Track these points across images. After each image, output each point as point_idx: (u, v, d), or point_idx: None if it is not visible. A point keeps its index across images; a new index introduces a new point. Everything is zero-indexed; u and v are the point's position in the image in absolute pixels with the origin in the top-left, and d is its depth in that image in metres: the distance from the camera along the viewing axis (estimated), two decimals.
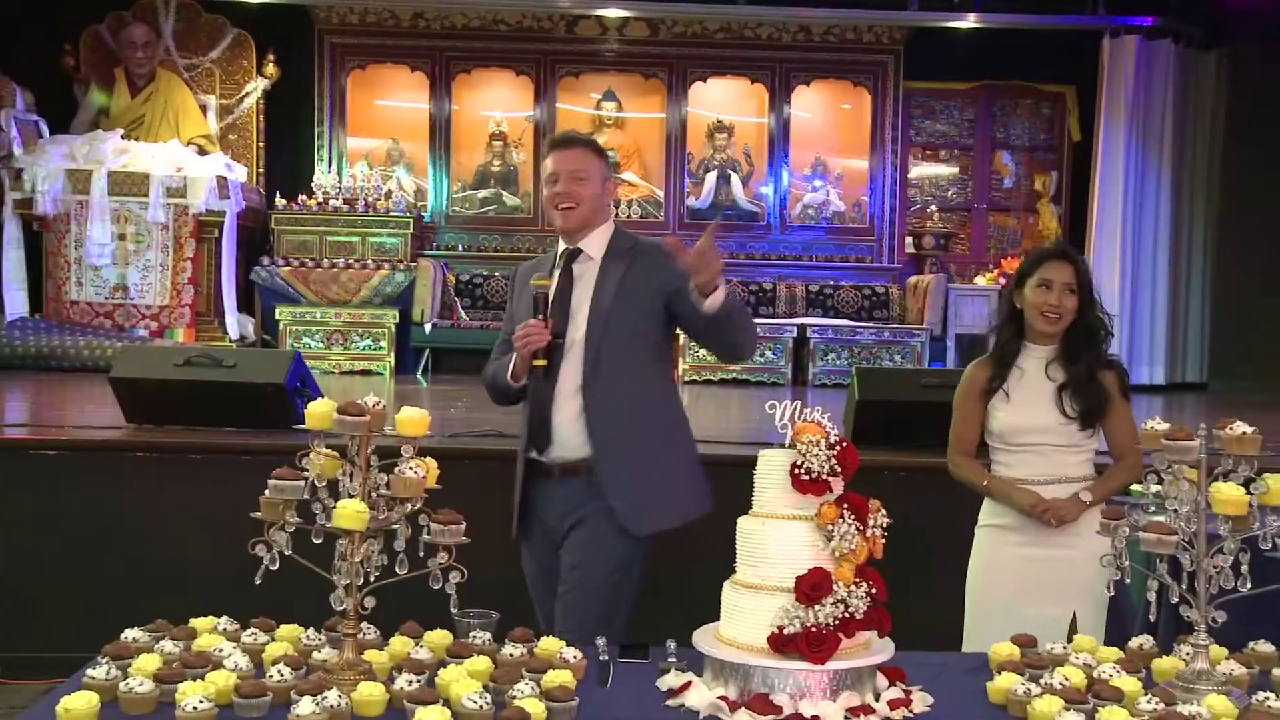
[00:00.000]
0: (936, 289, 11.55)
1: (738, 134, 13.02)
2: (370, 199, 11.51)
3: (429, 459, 2.55)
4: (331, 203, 11.48)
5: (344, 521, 2.37)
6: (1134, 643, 2.81)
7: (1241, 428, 2.47)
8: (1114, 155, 11.80)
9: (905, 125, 12.82)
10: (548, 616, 3.48)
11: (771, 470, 2.53)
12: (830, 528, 2.44)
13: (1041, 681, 2.49)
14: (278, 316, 10.82)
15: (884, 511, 2.49)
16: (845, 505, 2.46)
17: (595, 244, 3.53)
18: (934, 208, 12.84)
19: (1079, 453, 3.57)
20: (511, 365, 3.48)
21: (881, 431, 5.54)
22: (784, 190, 12.75)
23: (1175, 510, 2.52)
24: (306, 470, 2.46)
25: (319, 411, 2.45)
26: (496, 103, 12.89)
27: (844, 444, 2.49)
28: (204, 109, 11.81)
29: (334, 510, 2.39)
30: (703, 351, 10.97)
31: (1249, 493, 2.49)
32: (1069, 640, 2.96)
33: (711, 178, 12.81)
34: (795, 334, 11.16)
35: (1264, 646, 2.77)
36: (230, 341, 10.50)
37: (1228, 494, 2.43)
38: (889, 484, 5.12)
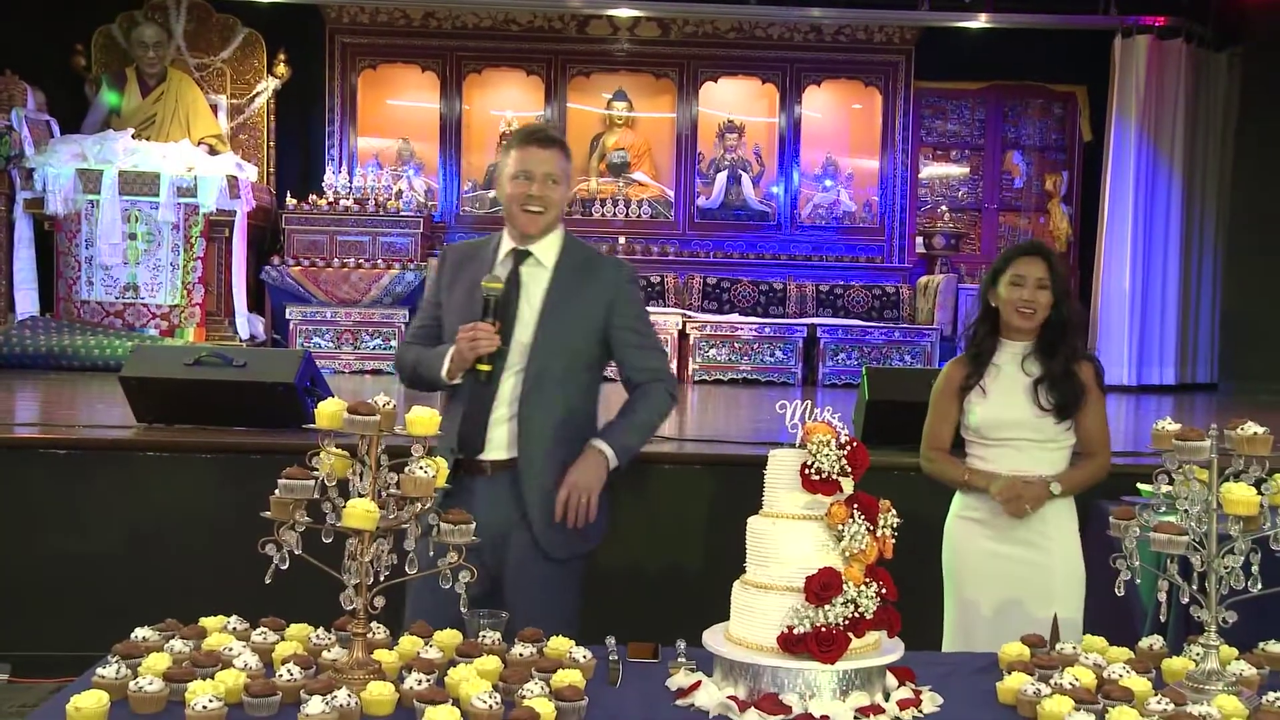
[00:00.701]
0: (946, 289, 11.53)
1: (748, 134, 13.02)
2: (381, 199, 11.53)
3: (439, 458, 2.56)
4: (342, 202, 11.51)
5: (354, 521, 2.37)
6: (1144, 643, 2.80)
7: (1253, 428, 2.47)
8: (1125, 155, 11.77)
9: (916, 125, 12.80)
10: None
11: (782, 470, 2.52)
12: (840, 527, 2.43)
13: (1051, 682, 2.48)
14: (288, 316, 10.84)
15: (894, 511, 2.49)
16: (855, 505, 2.45)
17: (548, 250, 3.40)
18: (944, 208, 12.81)
19: (1056, 449, 3.60)
20: (447, 362, 3.31)
21: (892, 431, 5.53)
22: (794, 190, 12.75)
23: (1186, 510, 2.52)
24: (316, 470, 2.47)
25: (329, 411, 2.45)
26: (507, 102, 12.90)
27: (854, 444, 2.49)
28: (215, 109, 11.84)
29: (344, 510, 2.39)
30: (712, 351, 11.06)
31: (1260, 493, 2.49)
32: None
33: (722, 178, 12.81)
34: (805, 334, 11.16)
35: (1274, 647, 2.76)
36: (240, 341, 10.52)
37: (1239, 494, 2.42)
38: (899, 484, 5.12)
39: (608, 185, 12.80)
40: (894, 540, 2.48)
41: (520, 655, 2.64)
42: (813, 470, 2.45)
